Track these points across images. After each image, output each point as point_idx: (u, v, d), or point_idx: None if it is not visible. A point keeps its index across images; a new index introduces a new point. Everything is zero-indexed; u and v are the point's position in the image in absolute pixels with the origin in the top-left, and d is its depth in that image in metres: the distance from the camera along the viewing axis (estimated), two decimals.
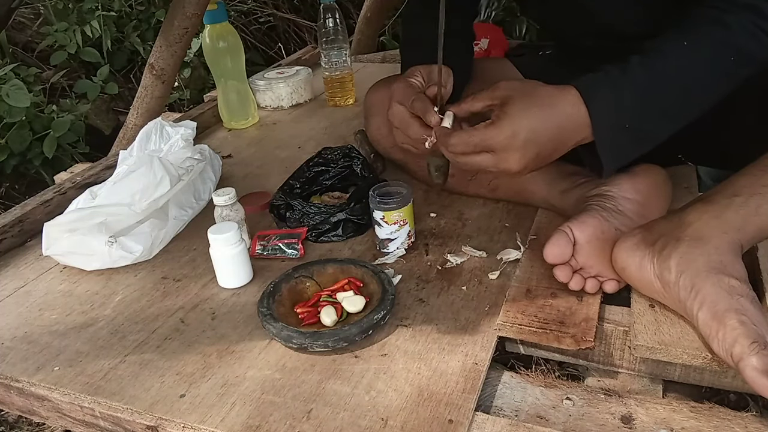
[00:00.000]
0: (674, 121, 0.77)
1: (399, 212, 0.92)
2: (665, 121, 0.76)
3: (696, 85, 0.76)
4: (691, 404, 0.69)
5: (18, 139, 1.83)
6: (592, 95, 0.73)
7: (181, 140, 1.12)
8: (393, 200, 0.92)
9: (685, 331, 0.73)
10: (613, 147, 0.75)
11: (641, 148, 0.77)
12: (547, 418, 0.69)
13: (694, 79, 0.75)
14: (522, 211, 1.03)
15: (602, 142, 0.74)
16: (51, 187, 1.21)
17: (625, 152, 0.76)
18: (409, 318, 0.82)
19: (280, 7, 2.84)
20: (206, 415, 0.69)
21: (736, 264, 0.70)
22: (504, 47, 1.65)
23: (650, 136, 0.76)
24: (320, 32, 1.54)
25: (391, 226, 0.93)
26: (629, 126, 0.74)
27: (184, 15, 1.46)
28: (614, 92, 0.73)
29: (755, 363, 0.61)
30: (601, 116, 0.72)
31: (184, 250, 1.02)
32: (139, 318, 0.87)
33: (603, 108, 0.73)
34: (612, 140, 0.74)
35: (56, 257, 0.99)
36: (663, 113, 0.76)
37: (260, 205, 1.11)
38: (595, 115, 0.72)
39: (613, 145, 0.74)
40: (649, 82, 0.74)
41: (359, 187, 1.04)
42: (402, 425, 0.66)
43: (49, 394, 0.76)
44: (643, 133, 0.75)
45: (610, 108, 0.73)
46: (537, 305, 0.80)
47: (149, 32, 2.41)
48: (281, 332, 0.76)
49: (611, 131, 0.73)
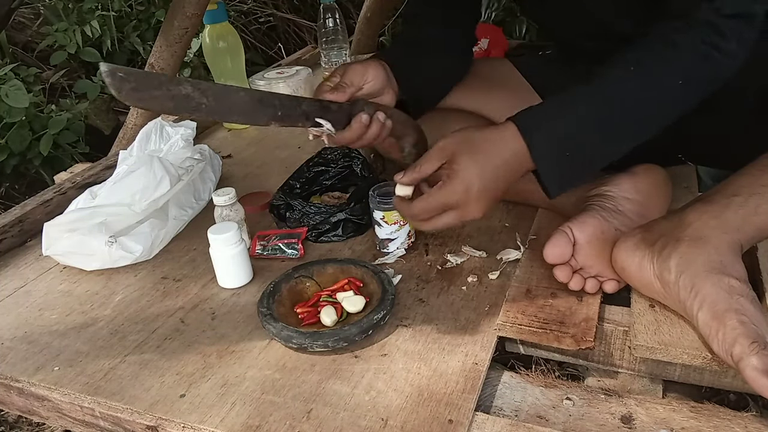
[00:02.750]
0: (619, 146, 0.78)
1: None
2: (610, 146, 0.78)
3: (640, 111, 0.77)
4: (691, 404, 0.69)
5: (18, 139, 1.84)
6: (529, 129, 0.74)
7: (181, 140, 1.12)
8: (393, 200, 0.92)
9: (685, 331, 0.73)
10: (556, 174, 0.76)
11: (586, 172, 0.79)
12: (547, 418, 0.69)
13: (637, 105, 0.76)
14: (522, 211, 1.03)
15: (544, 172, 0.76)
16: (51, 187, 1.21)
17: (569, 177, 0.77)
18: (409, 318, 0.82)
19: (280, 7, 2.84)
20: (206, 415, 0.69)
21: (735, 264, 0.70)
22: (504, 47, 1.65)
23: (595, 160, 0.78)
24: (320, 32, 1.54)
25: (391, 226, 0.93)
26: (570, 154, 0.75)
27: (184, 15, 1.46)
28: (551, 123, 0.75)
29: (755, 363, 0.61)
30: (540, 148, 0.74)
31: (184, 250, 1.02)
32: (139, 318, 0.87)
33: (540, 140, 0.74)
34: (553, 168, 0.76)
35: (56, 257, 0.99)
36: (606, 139, 0.77)
37: (260, 205, 1.11)
38: (533, 148, 0.74)
39: (555, 172, 0.76)
40: (589, 111, 0.75)
41: (359, 187, 1.04)
42: (402, 425, 0.66)
43: (49, 394, 0.76)
44: (586, 158, 0.77)
45: (547, 139, 0.75)
46: (537, 305, 0.80)
47: (149, 32, 2.41)
48: (281, 332, 0.76)
49: (551, 160, 0.75)
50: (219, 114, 0.75)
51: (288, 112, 0.79)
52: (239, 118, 0.77)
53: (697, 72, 0.76)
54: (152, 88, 0.69)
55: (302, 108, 0.81)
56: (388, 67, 0.93)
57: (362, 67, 0.88)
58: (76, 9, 2.32)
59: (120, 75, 0.66)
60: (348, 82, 0.86)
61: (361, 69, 0.88)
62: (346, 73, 0.87)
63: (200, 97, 0.71)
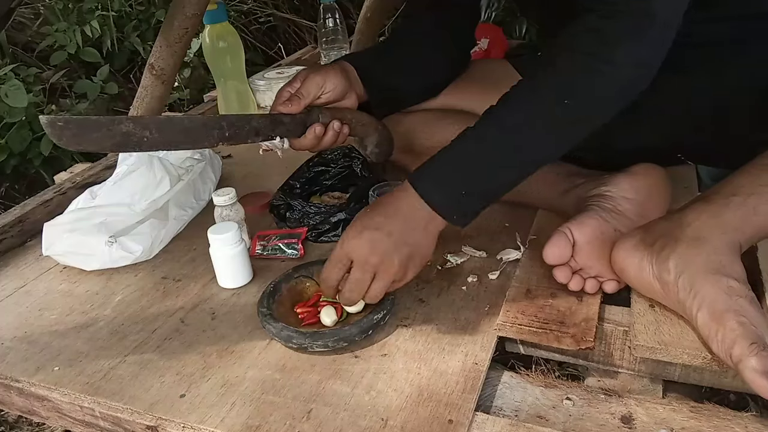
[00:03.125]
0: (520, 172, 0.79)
1: None
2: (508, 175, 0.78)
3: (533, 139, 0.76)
4: (691, 404, 0.69)
5: (18, 139, 1.84)
6: (417, 180, 0.77)
7: None
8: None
9: (685, 331, 0.73)
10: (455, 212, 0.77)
11: (488, 200, 0.79)
12: (547, 418, 0.69)
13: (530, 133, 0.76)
14: (522, 211, 1.03)
15: (444, 213, 0.76)
16: (51, 187, 1.22)
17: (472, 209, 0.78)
18: (409, 318, 0.82)
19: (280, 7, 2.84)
20: (206, 415, 0.69)
21: (734, 264, 0.70)
22: (504, 47, 1.65)
23: (494, 190, 0.79)
24: (320, 32, 1.54)
25: None
26: (465, 192, 0.76)
27: (184, 15, 1.46)
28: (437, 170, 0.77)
29: (755, 364, 0.61)
30: (430, 194, 0.76)
31: (184, 250, 1.02)
32: (139, 318, 0.87)
33: (429, 188, 0.76)
34: (451, 209, 0.76)
35: (56, 257, 0.99)
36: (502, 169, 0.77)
37: (260, 205, 1.11)
38: (425, 196, 0.76)
39: (454, 211, 0.77)
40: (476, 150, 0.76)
41: (359, 187, 1.04)
42: (402, 425, 0.66)
43: (49, 394, 0.76)
44: (483, 191, 0.78)
45: (436, 184, 0.76)
46: (537, 305, 0.80)
47: (149, 32, 2.41)
48: (281, 332, 0.76)
49: (447, 202, 0.76)
50: (164, 145, 0.77)
51: (236, 131, 0.82)
52: (186, 145, 0.79)
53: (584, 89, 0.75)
54: (91, 131, 0.71)
55: (252, 125, 0.83)
56: (354, 71, 0.95)
57: (321, 77, 0.90)
58: (76, 9, 2.31)
59: (59, 124, 0.69)
60: (304, 93, 0.88)
61: (319, 79, 0.89)
62: (304, 84, 0.89)
63: (141, 132, 0.73)
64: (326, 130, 0.89)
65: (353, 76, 0.95)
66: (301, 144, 0.89)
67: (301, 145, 0.89)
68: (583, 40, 0.75)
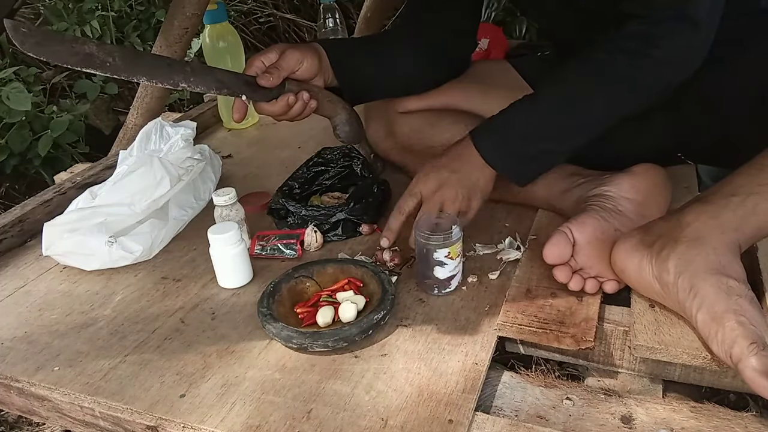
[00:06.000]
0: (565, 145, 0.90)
1: (460, 241, 0.83)
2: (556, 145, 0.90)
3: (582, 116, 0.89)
4: (691, 404, 0.69)
5: (18, 139, 1.84)
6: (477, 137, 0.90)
7: (181, 140, 1.12)
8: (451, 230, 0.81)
9: (685, 331, 0.73)
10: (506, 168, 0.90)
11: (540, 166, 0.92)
12: (547, 418, 0.69)
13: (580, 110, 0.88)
14: (522, 211, 1.03)
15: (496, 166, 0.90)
16: (51, 187, 1.21)
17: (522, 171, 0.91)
18: (409, 318, 0.82)
19: (280, 7, 2.84)
20: (206, 415, 0.69)
21: (734, 264, 0.70)
22: (504, 47, 1.65)
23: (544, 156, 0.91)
24: (320, 32, 1.54)
25: (455, 261, 0.83)
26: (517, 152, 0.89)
27: (184, 15, 1.46)
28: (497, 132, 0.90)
29: (754, 364, 0.61)
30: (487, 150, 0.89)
31: (184, 250, 1.02)
32: (139, 318, 0.87)
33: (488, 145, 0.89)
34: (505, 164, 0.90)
35: (56, 257, 0.99)
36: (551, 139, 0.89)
37: (260, 205, 1.11)
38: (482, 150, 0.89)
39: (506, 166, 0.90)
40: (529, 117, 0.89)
41: (359, 187, 1.04)
42: (402, 425, 0.66)
43: (49, 394, 0.76)
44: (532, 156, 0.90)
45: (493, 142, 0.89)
46: (537, 305, 0.80)
47: (149, 32, 2.41)
48: (281, 332, 0.76)
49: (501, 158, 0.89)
50: (125, 72, 0.79)
51: (200, 79, 0.85)
52: (146, 77, 0.81)
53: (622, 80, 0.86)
54: (54, 44, 0.74)
55: (216, 77, 0.86)
56: (325, 55, 0.97)
57: (300, 53, 0.92)
58: (76, 9, 2.31)
59: (23, 30, 0.71)
60: (284, 65, 0.90)
61: (298, 55, 0.92)
62: (284, 57, 0.91)
63: (104, 57, 0.76)
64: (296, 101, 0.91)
65: (324, 60, 0.97)
66: (269, 110, 0.90)
67: (268, 111, 0.91)
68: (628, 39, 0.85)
